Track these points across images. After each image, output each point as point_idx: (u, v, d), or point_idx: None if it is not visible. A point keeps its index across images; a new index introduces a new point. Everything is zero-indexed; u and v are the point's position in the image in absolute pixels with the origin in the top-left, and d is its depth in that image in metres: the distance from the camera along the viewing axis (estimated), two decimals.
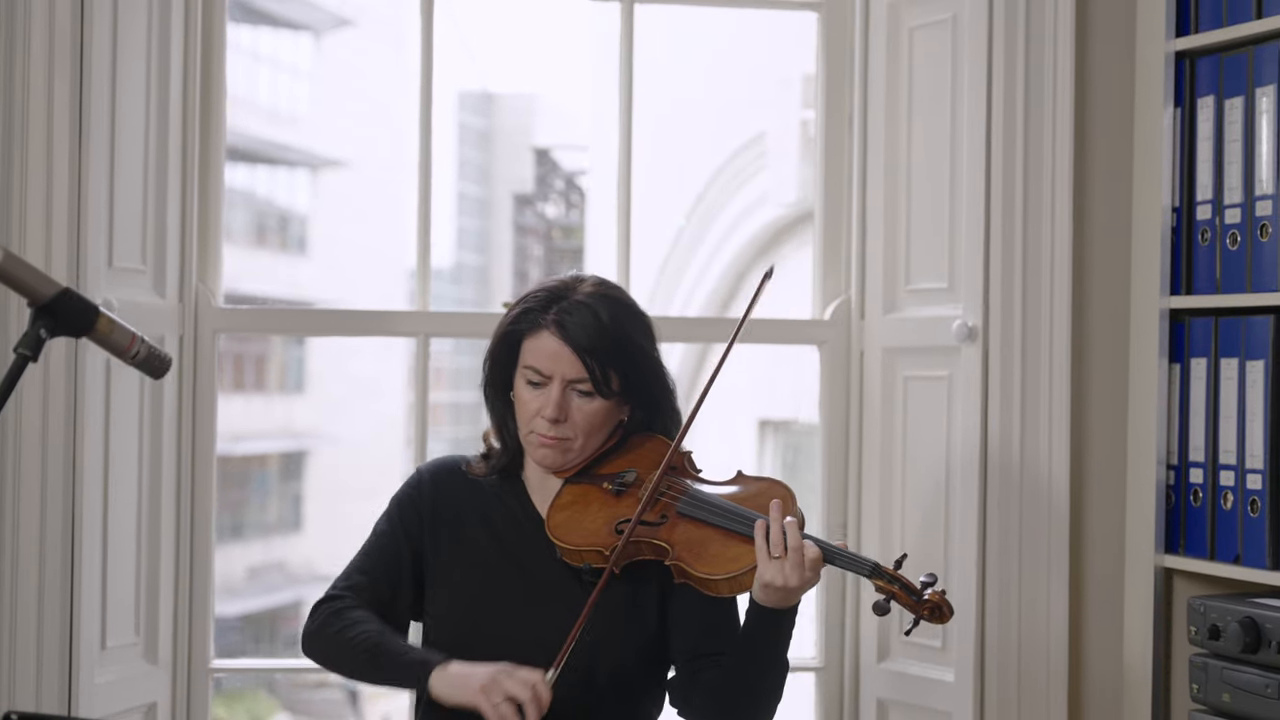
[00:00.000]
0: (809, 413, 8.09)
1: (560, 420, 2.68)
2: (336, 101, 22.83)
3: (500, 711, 2.49)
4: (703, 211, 8.12)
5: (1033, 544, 3.31)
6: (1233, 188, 3.14)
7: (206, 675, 3.45)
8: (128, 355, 2.17)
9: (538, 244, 20.58)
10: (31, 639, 3.13)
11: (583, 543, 2.65)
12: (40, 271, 2.11)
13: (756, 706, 2.66)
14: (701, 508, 2.65)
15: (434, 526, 2.78)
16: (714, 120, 8.25)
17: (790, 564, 2.52)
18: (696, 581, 2.61)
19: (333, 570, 3.33)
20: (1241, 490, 3.08)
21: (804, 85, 7.05)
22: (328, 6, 21.67)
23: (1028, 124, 3.32)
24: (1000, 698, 3.32)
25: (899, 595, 2.55)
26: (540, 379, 2.68)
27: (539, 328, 2.68)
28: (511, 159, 22.20)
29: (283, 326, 3.62)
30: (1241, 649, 2.96)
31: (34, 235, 3.11)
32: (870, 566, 2.57)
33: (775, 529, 2.55)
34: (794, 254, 7.67)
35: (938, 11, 3.43)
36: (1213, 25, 3.20)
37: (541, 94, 23.93)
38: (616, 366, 2.68)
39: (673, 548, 2.62)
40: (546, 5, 3.45)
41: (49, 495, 3.13)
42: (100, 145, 3.18)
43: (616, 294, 2.75)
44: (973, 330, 3.32)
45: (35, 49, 3.13)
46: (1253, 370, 3.07)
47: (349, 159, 23.06)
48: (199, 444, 3.44)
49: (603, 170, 13.00)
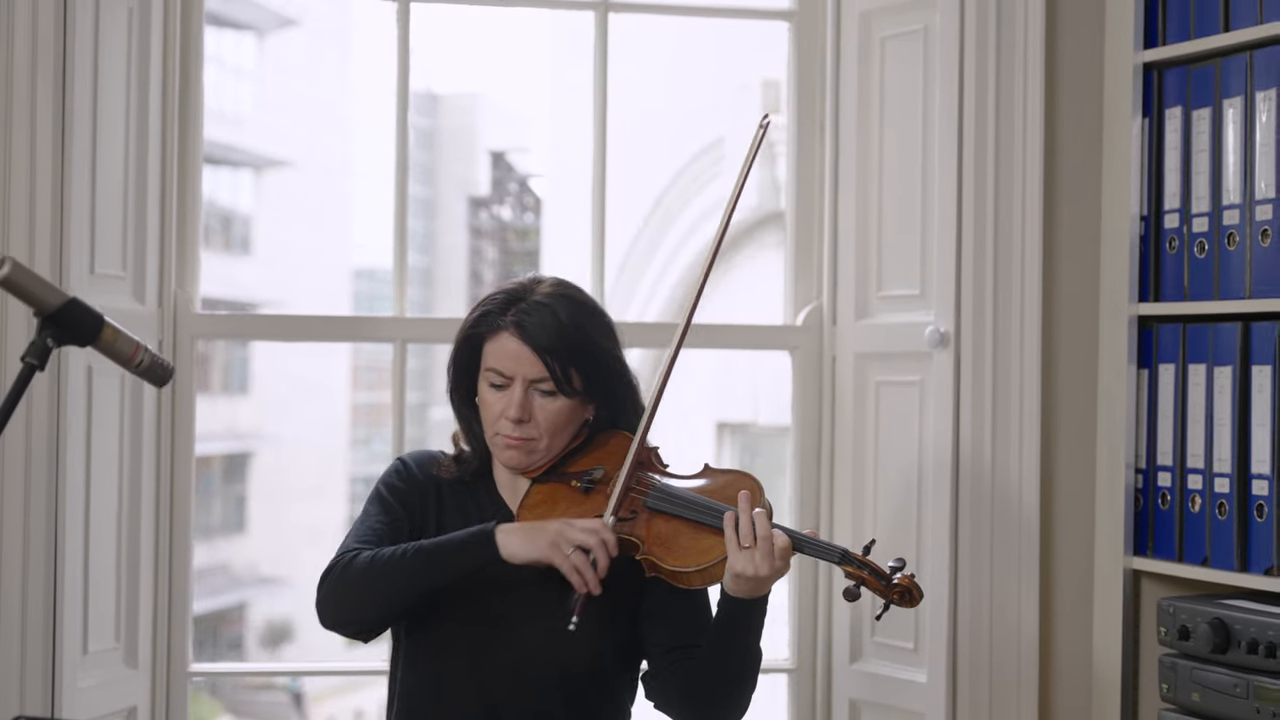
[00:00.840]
0: (767, 415, 8.19)
1: (524, 420, 2.70)
2: (280, 102, 22.78)
3: (574, 560, 2.55)
4: (661, 215, 8.18)
5: (1004, 546, 3.37)
6: (1200, 197, 3.20)
7: (185, 678, 3.47)
8: (132, 364, 2.19)
9: (492, 246, 20.59)
10: (15, 643, 3.15)
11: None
12: (47, 281, 2.13)
13: (730, 696, 2.68)
14: (670, 501, 2.68)
15: (421, 505, 2.79)
16: (673, 125, 8.31)
17: (760, 553, 2.55)
18: (668, 575, 2.64)
19: (277, 572, 3.35)
20: (1210, 493, 3.15)
21: (763, 91, 7.12)
22: (271, 6, 21.62)
23: (998, 133, 3.37)
24: (972, 698, 3.37)
25: (869, 581, 2.58)
26: (502, 380, 2.71)
27: (499, 329, 2.71)
28: (459, 160, 22.22)
29: (260, 332, 3.65)
30: (1211, 649, 3.02)
31: (18, 242, 3.13)
32: (839, 553, 2.60)
33: (745, 519, 2.58)
34: (754, 257, 7.75)
35: (909, 22, 3.49)
36: (1180, 38, 3.26)
37: (485, 94, 23.96)
38: (577, 365, 2.71)
39: (643, 542, 2.65)
40: (493, 8, 3.44)
41: (32, 500, 3.15)
42: (82, 154, 3.20)
43: (575, 293, 2.78)
44: (945, 336, 3.38)
45: (18, 59, 3.15)
46: (1220, 376, 3.14)
47: (293, 159, 23.02)
48: (178, 448, 3.46)
49: (559, 174, 13.05)
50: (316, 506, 21.44)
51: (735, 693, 2.68)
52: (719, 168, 7.73)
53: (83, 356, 3.17)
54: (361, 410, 25.44)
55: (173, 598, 3.46)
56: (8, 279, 2.08)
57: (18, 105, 3.15)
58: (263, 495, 21.70)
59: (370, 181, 24.28)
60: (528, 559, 2.58)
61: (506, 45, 18.62)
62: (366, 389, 25.50)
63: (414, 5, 3.59)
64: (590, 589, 2.56)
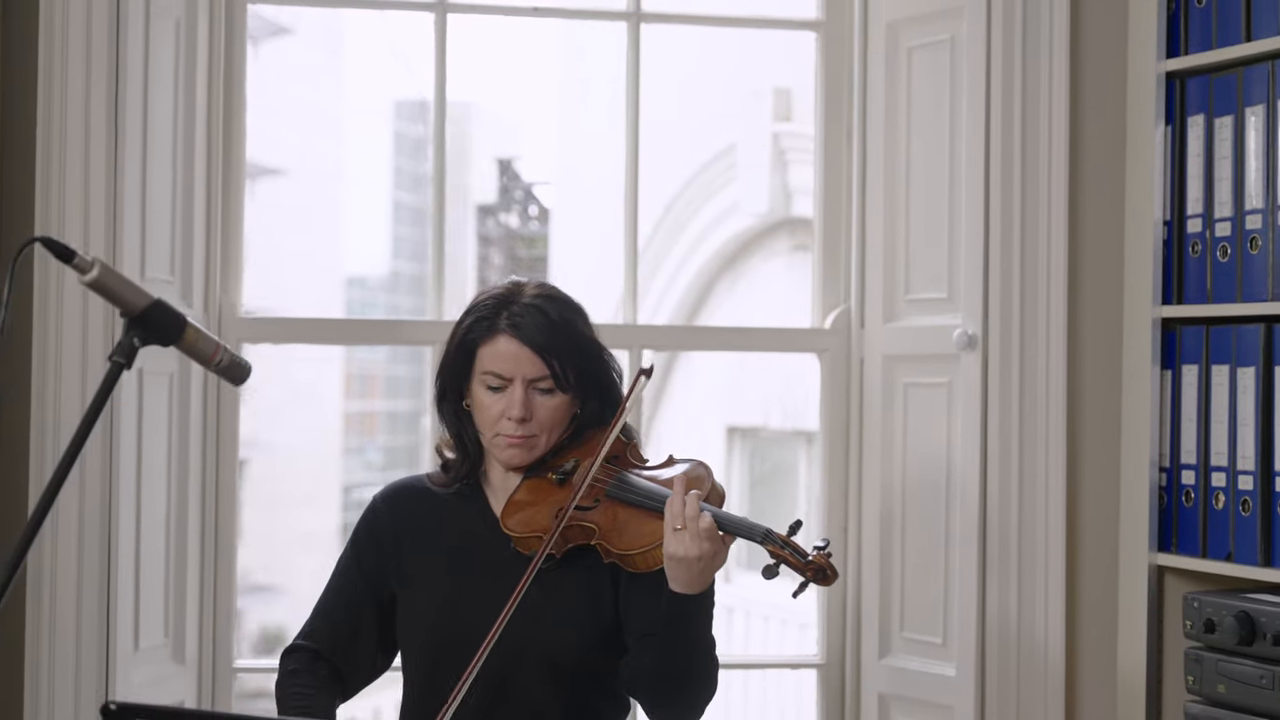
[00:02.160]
0: (777, 420, 8.27)
1: (526, 419, 2.78)
2: (273, 110, 22.79)
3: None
4: (671, 221, 8.25)
5: (1030, 542, 3.45)
6: (1223, 202, 3.29)
7: (230, 674, 3.55)
8: (212, 363, 2.26)
9: (499, 253, 20.63)
10: (71, 639, 3.22)
11: (526, 530, 2.75)
12: (134, 284, 2.20)
13: (682, 689, 2.74)
14: (625, 490, 2.77)
15: (395, 553, 2.86)
16: (684, 133, 8.40)
17: (689, 534, 2.60)
18: (618, 559, 2.72)
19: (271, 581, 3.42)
20: (1233, 491, 3.23)
21: (774, 99, 7.20)
22: (264, 14, 21.63)
23: (1024, 141, 3.46)
24: (1000, 691, 3.45)
25: (788, 559, 2.64)
26: (501, 382, 2.78)
27: (494, 333, 2.78)
28: (454, 167, 22.29)
29: (303, 336, 3.71)
30: (1237, 642, 3.11)
31: (73, 247, 3.19)
32: (762, 533, 2.65)
33: (676, 501, 2.64)
34: (763, 264, 7.83)
35: (936, 32, 3.57)
36: (1202, 47, 3.35)
37: (482, 102, 24.00)
38: (572, 361, 2.79)
39: (599, 528, 2.73)
40: (489, 17, 3.53)
41: (87, 500, 3.23)
42: (133, 165, 3.29)
43: (558, 293, 2.86)
44: (972, 338, 3.46)
45: (73, 71, 3.24)
46: (1243, 376, 3.22)
47: (285, 167, 23.03)
48: (222, 451, 3.53)
49: (567, 182, 13.12)
50: (309, 515, 21.41)
51: (687, 686, 2.74)
52: (730, 174, 7.81)
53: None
54: (354, 419, 25.43)
55: (218, 596, 3.53)
56: (97, 281, 2.16)
57: (72, 115, 3.24)
58: (256, 503, 21.67)
59: (362, 190, 24.31)
60: None
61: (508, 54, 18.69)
62: (359, 397, 25.50)
63: (450, 17, 3.67)
64: None
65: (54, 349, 3.24)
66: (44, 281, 3.24)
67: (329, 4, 3.93)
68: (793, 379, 7.78)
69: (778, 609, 7.34)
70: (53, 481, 2.13)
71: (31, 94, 3.25)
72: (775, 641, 7.32)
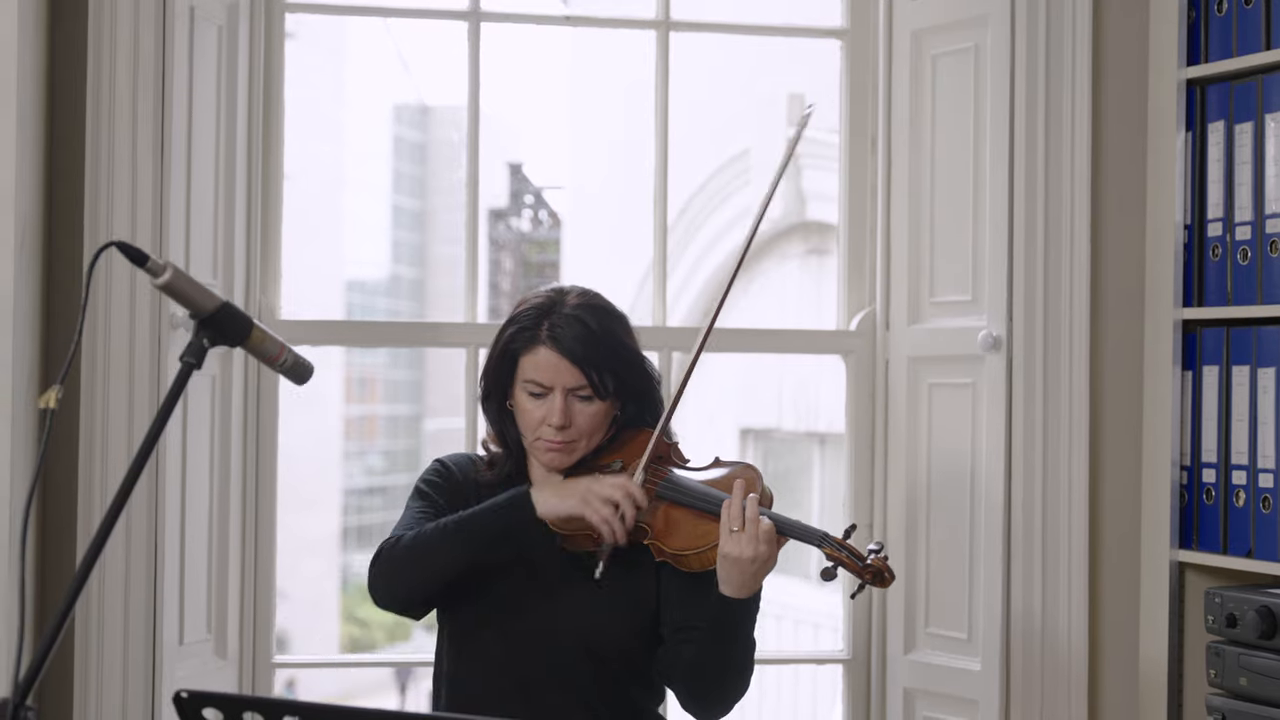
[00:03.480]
0: (790, 421, 8.32)
1: (566, 426, 2.84)
2: None
3: (602, 514, 2.73)
4: (686, 225, 8.31)
5: (1054, 539, 3.52)
6: (1243, 206, 3.36)
7: (270, 669, 3.62)
8: (277, 364, 2.33)
9: (509, 258, 20.66)
10: (119, 634, 3.29)
11: (576, 529, 2.81)
12: (203, 287, 2.27)
13: (724, 680, 2.81)
14: (677, 491, 2.84)
15: (462, 505, 2.89)
16: (699, 137, 8.46)
17: (747, 536, 2.69)
18: (671, 558, 2.79)
19: None
20: (1254, 489, 3.30)
21: (789, 104, 7.27)
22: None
23: (1047, 146, 3.53)
24: (1024, 686, 3.52)
25: (846, 562, 2.71)
26: (541, 390, 2.85)
27: (535, 344, 2.85)
28: (451, 172, 22.32)
29: (341, 338, 3.78)
30: (1259, 635, 3.18)
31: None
32: (819, 536, 2.74)
33: (735, 503, 2.72)
34: (777, 267, 7.89)
35: (960, 40, 3.64)
36: (1223, 55, 3.42)
37: (490, 107, 24.05)
38: (611, 370, 2.86)
39: (651, 528, 2.81)
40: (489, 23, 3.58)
41: (134, 499, 3.28)
42: (179, 169, 3.37)
43: (600, 301, 2.92)
44: (996, 340, 3.53)
45: (120, 81, 3.31)
46: (1264, 377, 3.29)
47: (286, 171, 23.10)
48: (262, 451, 3.60)
49: (580, 187, 13.16)
50: (310, 519, 21.46)
51: (724, 681, 2.81)
52: (745, 179, 7.87)
53: (172, 360, 3.31)
54: (354, 423, 25.47)
55: (258, 593, 3.60)
56: (169, 284, 2.22)
57: (120, 122, 3.31)
58: None
59: (364, 194, 24.34)
60: (559, 514, 2.74)
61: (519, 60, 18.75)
62: (358, 402, 25.54)
63: (484, 25, 3.74)
64: (617, 539, 2.74)
65: (102, 352, 3.30)
66: (94, 284, 3.30)
67: (366, 13, 3.98)
68: (807, 381, 7.83)
69: (790, 609, 7.40)
70: (126, 480, 2.18)
71: (81, 100, 3.33)
72: (790, 640, 7.37)
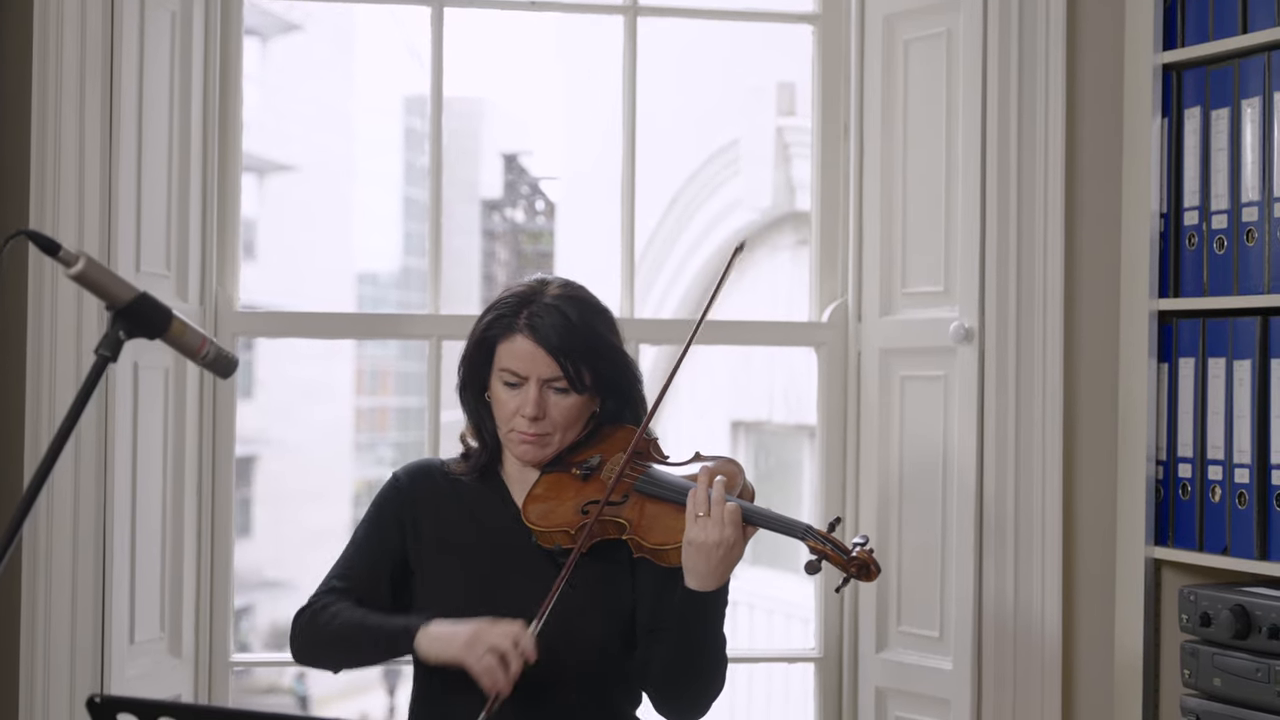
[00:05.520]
0: (781, 414, 8.27)
1: (540, 418, 2.79)
2: (284, 106, 22.85)
3: (485, 664, 2.61)
4: (676, 216, 8.27)
5: (1027, 535, 3.45)
6: (1219, 194, 3.28)
7: (227, 669, 3.55)
8: (198, 356, 2.26)
9: (504, 248, 20.67)
10: (66, 632, 3.23)
11: (551, 525, 2.77)
12: (119, 277, 2.20)
13: (695, 681, 2.76)
14: (655, 485, 2.78)
15: (414, 526, 2.87)
16: (688, 127, 8.40)
17: (712, 520, 2.64)
18: (650, 553, 2.74)
19: (281, 575, 3.40)
20: (1230, 484, 3.22)
21: (778, 93, 7.21)
22: (274, 11, 21.67)
23: (1021, 134, 3.45)
24: (997, 684, 3.45)
25: (830, 555, 2.67)
26: (517, 380, 2.80)
27: (512, 332, 2.80)
28: (461, 163, 22.30)
29: (298, 330, 3.71)
30: (1232, 635, 3.10)
31: (67, 241, 3.20)
32: (803, 529, 2.69)
33: (701, 489, 2.68)
34: (768, 258, 7.84)
35: (932, 25, 3.56)
36: (1199, 39, 3.34)
37: (490, 97, 24.03)
38: (588, 363, 2.80)
39: (630, 524, 2.75)
40: (495, 11, 3.50)
41: (82, 492, 3.23)
42: (128, 159, 3.29)
43: (582, 294, 2.87)
44: (969, 332, 3.45)
45: (67, 61, 3.24)
46: (1240, 369, 3.21)
47: (296, 163, 23.07)
48: (219, 445, 3.53)
49: (573, 177, 13.16)
50: (321, 510, 21.46)
51: (694, 682, 2.76)
52: (734, 169, 7.82)
53: (128, 353, 3.23)
54: (365, 415, 25.47)
55: (214, 590, 3.53)
56: (82, 274, 2.15)
57: (66, 108, 3.24)
58: (268, 499, 21.71)
59: (373, 186, 24.33)
60: (441, 661, 2.67)
61: (512, 49, 18.74)
62: (369, 394, 25.53)
63: (447, 10, 3.67)
64: (500, 692, 2.63)
65: (49, 343, 3.24)
66: (38, 275, 3.24)
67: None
68: (797, 373, 7.79)
69: (782, 603, 7.35)
70: (36, 477, 2.12)
71: (26, 87, 3.26)
72: (781, 635, 7.33)
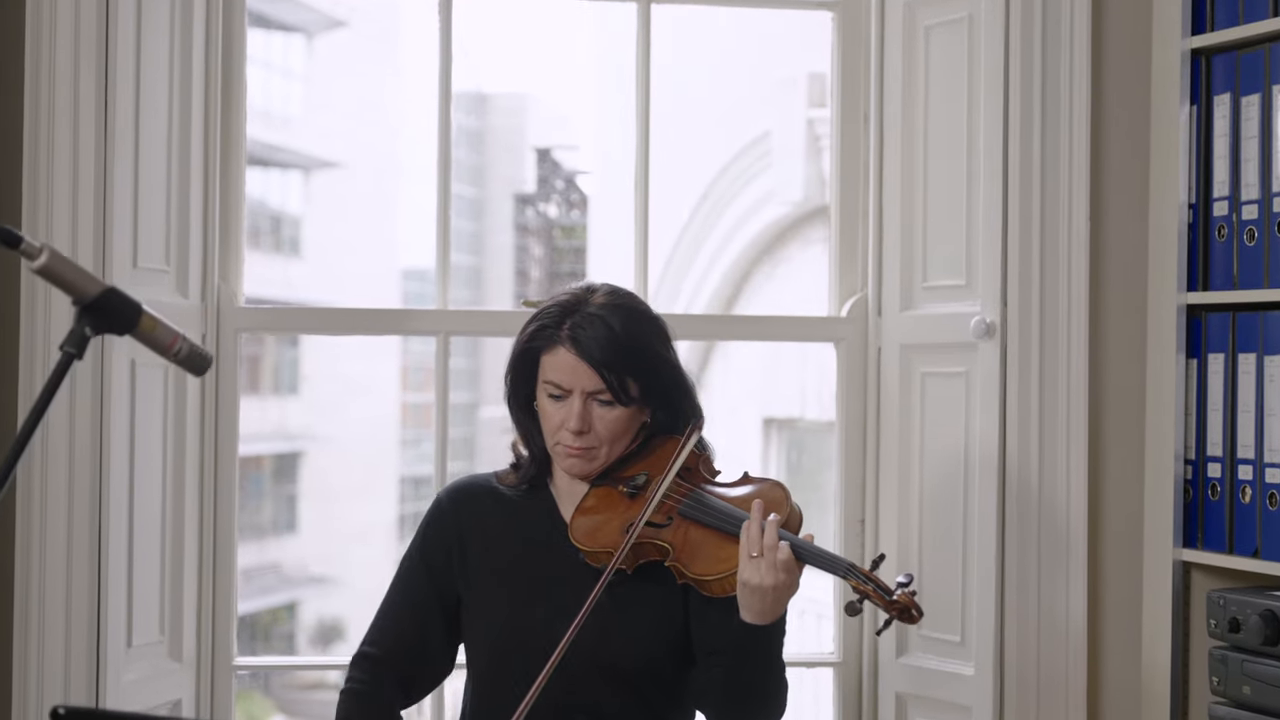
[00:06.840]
0: (814, 410, 8.18)
1: (584, 431, 2.73)
2: (329, 103, 22.83)
3: None
4: (707, 209, 8.20)
5: (1051, 537, 3.34)
6: (1249, 184, 3.17)
7: (229, 672, 3.47)
8: (170, 353, 2.18)
9: (539, 244, 20.64)
10: (59, 636, 3.16)
11: (596, 545, 2.71)
12: (85, 270, 2.13)
13: (759, 704, 2.70)
14: (700, 510, 2.71)
15: (460, 551, 2.82)
16: (718, 119, 8.32)
17: (765, 564, 2.57)
18: (693, 582, 2.67)
19: (327, 572, 3.30)
20: (1260, 484, 3.11)
21: (809, 85, 7.12)
22: (320, 7, 21.68)
23: (1044, 122, 3.34)
24: (1020, 691, 3.34)
25: (872, 595, 2.59)
26: (561, 392, 2.73)
27: (555, 343, 2.73)
28: (506, 160, 22.28)
29: (303, 325, 3.64)
30: (1262, 641, 2.99)
31: (61, 236, 3.14)
32: (845, 567, 2.61)
33: (754, 527, 2.60)
34: (800, 252, 7.76)
35: (953, 10, 3.46)
36: (1229, 23, 3.23)
37: (532, 93, 23.98)
38: (633, 374, 2.72)
39: (673, 549, 2.68)
40: (540, 5, 3.45)
41: (76, 493, 3.16)
42: (125, 149, 3.21)
43: (628, 301, 2.79)
44: (990, 327, 3.35)
45: (60, 52, 3.16)
46: (1271, 365, 3.10)
47: (341, 160, 23.06)
48: (221, 444, 3.46)
49: (605, 170, 13.08)
50: (366, 506, 21.49)
51: (752, 706, 2.71)
52: (765, 161, 7.74)
53: (126, 350, 3.18)
54: (411, 410, 25.49)
55: (217, 592, 3.46)
56: (45, 267, 2.08)
57: (60, 100, 3.16)
58: (313, 495, 21.74)
59: (419, 182, 24.30)
60: None
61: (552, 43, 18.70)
62: (416, 390, 25.53)
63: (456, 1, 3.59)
64: None
65: (42, 339, 3.17)
66: (33, 274, 3.16)
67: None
68: (827, 369, 7.70)
69: (814, 603, 7.22)
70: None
71: (18, 77, 3.18)
72: (813, 637, 7.21)
